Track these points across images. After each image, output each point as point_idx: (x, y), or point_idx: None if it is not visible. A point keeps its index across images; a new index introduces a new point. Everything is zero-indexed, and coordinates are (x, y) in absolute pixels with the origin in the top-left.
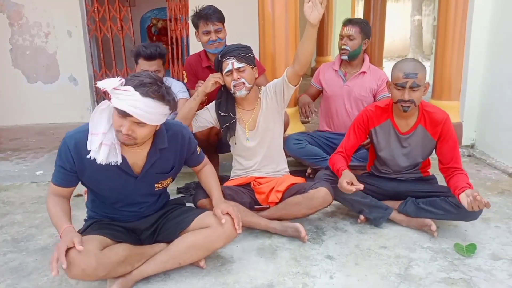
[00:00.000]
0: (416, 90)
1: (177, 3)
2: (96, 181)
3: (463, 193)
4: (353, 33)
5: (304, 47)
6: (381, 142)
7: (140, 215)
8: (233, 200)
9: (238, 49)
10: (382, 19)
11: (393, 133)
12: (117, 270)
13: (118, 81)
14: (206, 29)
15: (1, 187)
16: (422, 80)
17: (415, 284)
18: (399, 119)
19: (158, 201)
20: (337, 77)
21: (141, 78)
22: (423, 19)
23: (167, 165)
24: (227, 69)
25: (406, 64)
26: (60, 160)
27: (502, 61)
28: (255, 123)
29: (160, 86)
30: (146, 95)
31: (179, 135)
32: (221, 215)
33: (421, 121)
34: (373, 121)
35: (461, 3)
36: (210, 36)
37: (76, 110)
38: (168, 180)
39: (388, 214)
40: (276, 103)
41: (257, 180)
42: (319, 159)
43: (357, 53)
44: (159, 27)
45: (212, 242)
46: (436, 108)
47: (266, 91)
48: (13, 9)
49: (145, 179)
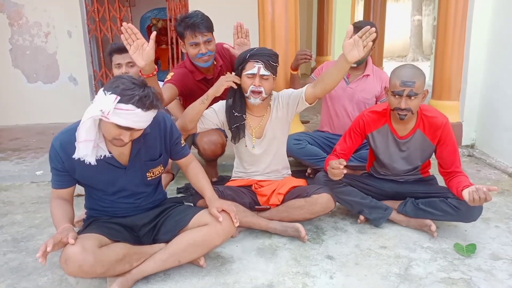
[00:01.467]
0: (414, 99)
1: (177, 3)
2: (88, 177)
3: (466, 189)
4: None
5: (333, 77)
6: (379, 147)
7: (138, 207)
8: (234, 201)
9: (269, 55)
10: (382, 19)
11: (391, 138)
12: (115, 269)
13: (114, 100)
14: (195, 41)
15: (1, 187)
16: (420, 88)
17: (415, 284)
18: (397, 123)
19: (155, 193)
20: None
21: (134, 91)
22: (423, 19)
23: (154, 152)
24: (251, 72)
25: (404, 71)
26: (52, 163)
27: (502, 61)
28: (262, 131)
29: (150, 95)
30: (148, 109)
31: (161, 121)
32: (217, 214)
33: (419, 126)
34: (370, 126)
35: (461, 3)
36: (200, 49)
37: (76, 110)
38: (160, 168)
39: (388, 215)
40: (286, 114)
41: (258, 183)
42: (319, 159)
43: (364, 59)
44: (159, 27)
45: (211, 239)
46: (435, 112)
47: (277, 99)
48: (13, 9)
49: (135, 169)
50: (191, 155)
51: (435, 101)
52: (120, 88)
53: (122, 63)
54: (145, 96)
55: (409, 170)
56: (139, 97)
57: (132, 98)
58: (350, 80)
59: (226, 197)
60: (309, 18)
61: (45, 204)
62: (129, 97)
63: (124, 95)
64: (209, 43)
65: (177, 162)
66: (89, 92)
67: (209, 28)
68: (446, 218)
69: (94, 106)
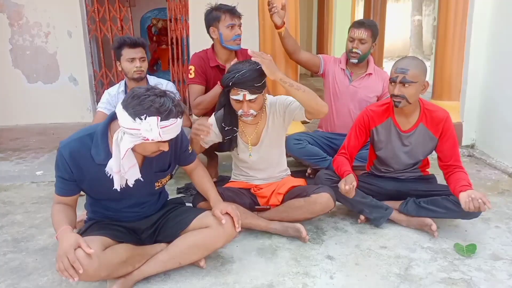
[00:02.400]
0: (407, 86)
1: (177, 3)
2: (97, 188)
3: (464, 193)
4: (365, 37)
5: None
6: (383, 141)
7: (142, 215)
8: (234, 201)
9: (253, 80)
10: (382, 19)
11: (394, 131)
12: (118, 271)
13: (157, 121)
14: (232, 23)
15: (2, 187)
16: (414, 77)
17: (415, 284)
18: (400, 117)
19: (159, 200)
20: (343, 75)
21: (166, 104)
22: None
23: (164, 163)
24: (237, 98)
25: (402, 60)
26: (58, 170)
27: (502, 61)
28: (258, 138)
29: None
30: (181, 115)
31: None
32: (220, 216)
33: (422, 120)
34: (374, 121)
35: (461, 3)
36: (236, 30)
37: (76, 110)
38: (167, 178)
39: (389, 214)
40: (283, 121)
41: (257, 186)
42: (319, 159)
43: (366, 56)
44: (159, 27)
45: (212, 242)
46: (437, 107)
47: (274, 107)
48: (13, 9)
49: (145, 180)
50: (197, 160)
51: (435, 101)
52: (154, 107)
53: (136, 57)
54: (175, 104)
55: (411, 165)
56: (173, 106)
57: (170, 112)
58: (353, 78)
59: (226, 198)
60: (309, 18)
61: (45, 204)
62: (168, 112)
63: (161, 112)
64: (240, 28)
65: (183, 168)
66: (89, 92)
67: (240, 15)
68: (449, 215)
69: (128, 135)
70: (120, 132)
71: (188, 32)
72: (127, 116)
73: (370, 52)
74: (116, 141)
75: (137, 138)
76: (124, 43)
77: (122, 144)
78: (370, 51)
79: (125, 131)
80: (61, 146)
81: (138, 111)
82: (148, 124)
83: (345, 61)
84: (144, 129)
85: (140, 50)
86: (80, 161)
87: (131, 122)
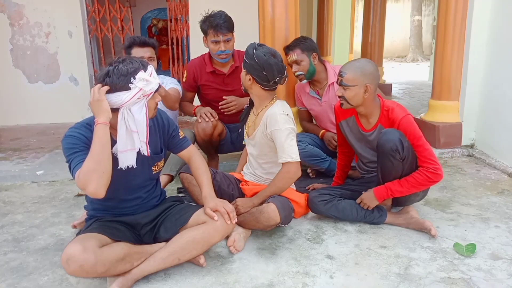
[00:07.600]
0: (347, 89)
1: (178, 3)
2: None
3: (368, 192)
4: (297, 57)
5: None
6: (348, 136)
7: (141, 208)
8: (219, 188)
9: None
10: (382, 19)
11: (357, 129)
12: (116, 268)
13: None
14: (215, 39)
15: (2, 187)
16: (350, 80)
17: (415, 283)
18: (361, 117)
19: (156, 188)
20: (313, 98)
21: (132, 61)
22: (423, 19)
23: (157, 146)
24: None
25: (346, 63)
26: (71, 149)
27: (502, 61)
28: (253, 132)
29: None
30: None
31: (157, 116)
32: (211, 214)
33: (381, 121)
34: (340, 115)
35: (461, 3)
36: (219, 46)
37: (77, 110)
38: (162, 162)
39: (385, 215)
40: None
41: (247, 182)
42: (320, 160)
43: (313, 71)
44: (160, 28)
45: (210, 236)
46: (395, 108)
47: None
48: (14, 9)
49: (143, 163)
50: (192, 147)
51: (435, 101)
52: (130, 67)
53: (144, 56)
54: (134, 60)
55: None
56: (135, 60)
57: (140, 62)
58: (321, 94)
59: (214, 180)
60: (309, 18)
61: (45, 204)
62: (139, 63)
63: (137, 67)
64: (228, 42)
65: (179, 155)
66: (90, 92)
67: (230, 28)
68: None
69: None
70: (125, 110)
71: (188, 32)
72: (122, 93)
73: (315, 64)
74: (123, 120)
75: (143, 100)
76: (134, 42)
77: (136, 115)
78: (314, 63)
79: (129, 106)
80: (67, 133)
81: (125, 80)
82: (142, 80)
83: (307, 84)
84: (143, 85)
85: (149, 49)
86: (85, 143)
87: (129, 92)
